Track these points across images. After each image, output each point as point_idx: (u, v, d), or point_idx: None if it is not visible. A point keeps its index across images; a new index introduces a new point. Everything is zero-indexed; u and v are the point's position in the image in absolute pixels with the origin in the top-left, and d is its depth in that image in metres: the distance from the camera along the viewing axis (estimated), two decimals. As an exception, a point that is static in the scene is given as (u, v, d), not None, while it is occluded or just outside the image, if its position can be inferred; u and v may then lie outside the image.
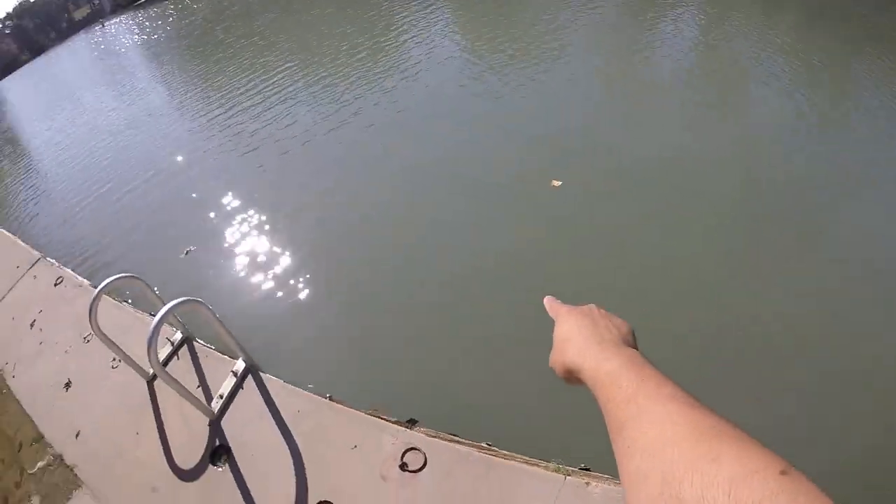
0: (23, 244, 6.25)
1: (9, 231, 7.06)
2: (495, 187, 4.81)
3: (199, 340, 3.56)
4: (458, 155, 5.59)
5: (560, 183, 4.58)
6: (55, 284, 4.97)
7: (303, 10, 17.14)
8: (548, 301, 0.68)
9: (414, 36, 9.93)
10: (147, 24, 33.69)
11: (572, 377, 0.54)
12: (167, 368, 3.24)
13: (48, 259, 5.55)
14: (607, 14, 8.58)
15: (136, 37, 30.45)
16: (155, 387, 3.37)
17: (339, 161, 6.24)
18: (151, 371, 3.42)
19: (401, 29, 10.67)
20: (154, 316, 2.59)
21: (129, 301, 4.32)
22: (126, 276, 3.29)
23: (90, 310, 3.03)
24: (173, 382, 2.76)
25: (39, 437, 3.56)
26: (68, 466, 3.24)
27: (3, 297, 5.36)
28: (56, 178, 10.37)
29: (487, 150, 5.51)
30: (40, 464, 3.40)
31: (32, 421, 3.70)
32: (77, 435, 3.38)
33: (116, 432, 3.22)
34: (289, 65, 10.84)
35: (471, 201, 4.72)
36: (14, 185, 11.70)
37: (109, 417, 3.34)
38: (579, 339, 0.54)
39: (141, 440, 3.09)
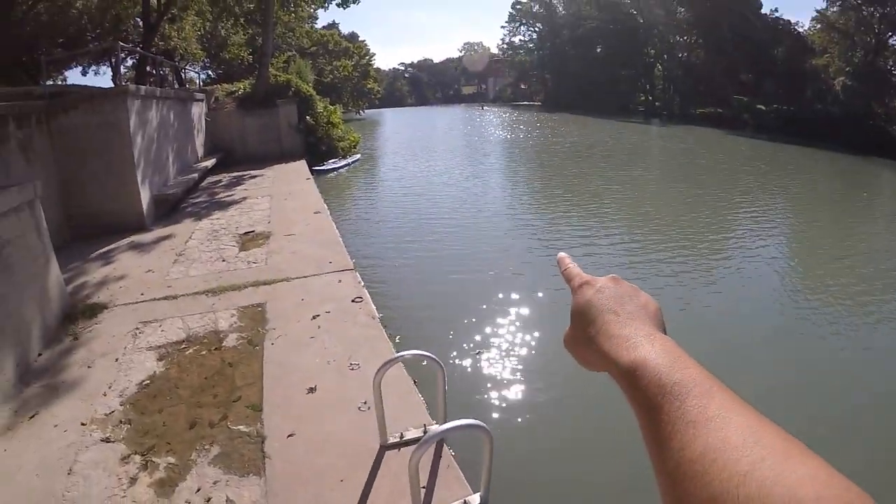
0: (344, 247, 8.52)
1: (337, 227, 9.88)
2: None
3: (447, 444, 4.17)
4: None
5: None
6: (353, 300, 6.56)
7: (677, 179, 22.19)
8: (563, 259, 0.78)
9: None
10: (521, 127, 49.35)
11: (593, 363, 0.64)
12: (403, 451, 3.92)
13: (357, 275, 7.39)
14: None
15: (505, 132, 44.62)
16: (385, 455, 4.04)
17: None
18: (391, 441, 4.14)
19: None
20: (435, 425, 3.32)
21: (406, 369, 5.35)
22: (432, 358, 4.17)
23: (382, 367, 3.93)
24: (412, 474, 3.33)
25: (258, 408, 4.62)
26: (263, 452, 4.09)
27: (306, 277, 7.34)
28: (393, 217, 15.10)
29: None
30: (242, 428, 4.38)
31: (263, 391, 4.84)
32: (290, 436, 4.26)
33: (325, 465, 3.94)
34: (627, 225, 13.89)
35: None
36: (358, 198, 18.55)
37: (328, 446, 4.12)
38: (607, 319, 0.63)
39: (342, 488, 3.70)
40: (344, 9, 26.35)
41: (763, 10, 55.00)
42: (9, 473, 3.93)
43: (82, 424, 4.44)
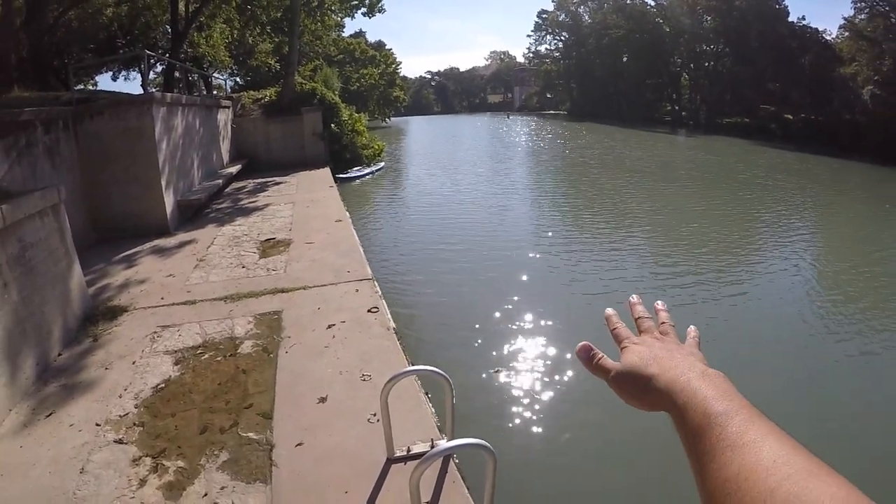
0: (363, 256, 8.60)
1: (358, 236, 10.03)
2: None
3: (455, 460, 4.17)
4: None
5: None
6: (369, 310, 6.61)
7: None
8: (611, 318, 0.92)
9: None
10: (547, 137, 50.42)
11: (648, 403, 0.73)
12: (409, 465, 3.94)
13: (376, 284, 7.46)
14: None
15: (532, 142, 45.73)
16: (391, 468, 4.07)
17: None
18: (398, 455, 4.17)
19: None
20: (443, 440, 3.59)
21: (417, 381, 5.38)
22: (441, 374, 4.15)
23: (389, 381, 3.95)
24: (412, 489, 3.35)
25: (268, 416, 4.68)
26: (271, 460, 4.14)
27: (324, 286, 7.43)
28: (415, 228, 15.34)
29: None
30: (252, 435, 4.44)
31: (274, 399, 4.91)
32: (298, 445, 4.31)
33: (331, 476, 3.97)
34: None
35: None
36: (380, 207, 18.79)
37: (335, 457, 4.16)
38: (660, 367, 0.74)
39: (346, 500, 3.71)
40: (370, 17, 26.73)
41: (790, 19, 54.56)
42: (23, 469, 4.06)
43: (97, 425, 4.56)
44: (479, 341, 8.07)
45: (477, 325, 8.57)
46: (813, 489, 0.44)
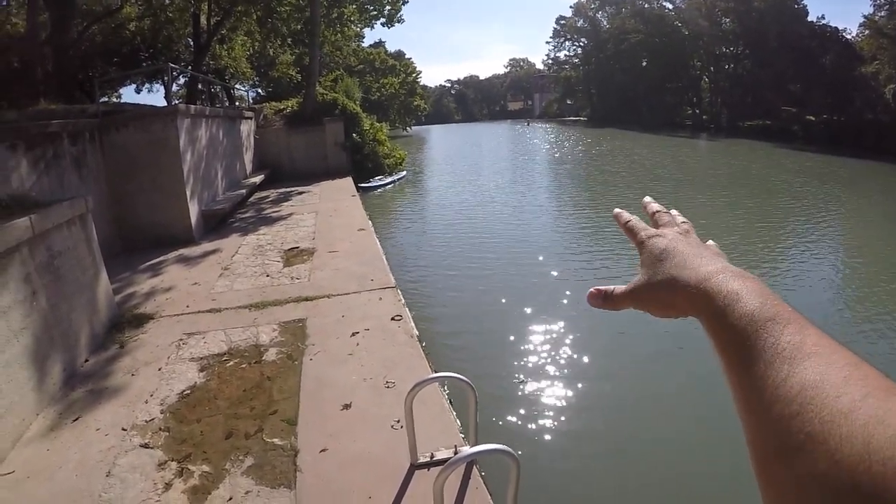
0: (386, 265, 8.60)
1: (381, 245, 10.08)
2: None
3: (478, 467, 4.13)
4: None
5: None
6: (392, 318, 6.61)
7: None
8: (620, 214, 0.83)
9: None
10: (567, 145, 49.83)
11: (674, 306, 0.64)
12: (432, 471, 3.91)
13: (399, 293, 7.46)
14: None
15: (552, 148, 46.16)
16: (414, 474, 4.05)
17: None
18: (421, 461, 4.14)
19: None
20: (466, 446, 3.57)
21: (446, 390, 5.35)
22: (464, 381, 4.13)
23: (414, 388, 3.93)
24: (436, 495, 3.31)
25: (293, 422, 4.68)
26: (295, 466, 4.14)
27: (347, 294, 7.46)
28: (437, 236, 15.33)
29: None
30: (277, 441, 4.45)
31: (299, 405, 4.91)
32: (322, 451, 4.30)
33: (355, 482, 3.95)
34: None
35: None
36: (402, 216, 18.86)
37: (359, 463, 4.15)
38: (691, 260, 0.64)
39: (371, 506, 3.73)
40: (389, 28, 26.90)
41: (810, 18, 53.97)
42: (50, 472, 4.11)
43: (123, 430, 4.60)
44: (503, 351, 7.99)
45: (500, 335, 8.50)
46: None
